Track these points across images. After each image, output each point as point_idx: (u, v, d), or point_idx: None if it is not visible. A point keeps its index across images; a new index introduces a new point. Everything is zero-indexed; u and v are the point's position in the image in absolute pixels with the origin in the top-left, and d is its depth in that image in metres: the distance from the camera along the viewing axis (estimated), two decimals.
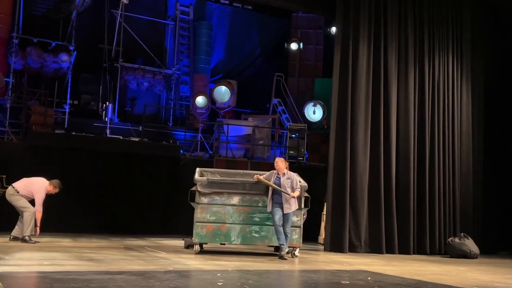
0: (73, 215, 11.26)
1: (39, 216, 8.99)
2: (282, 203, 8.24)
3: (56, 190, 9.29)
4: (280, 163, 8.51)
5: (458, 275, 7.57)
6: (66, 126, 14.34)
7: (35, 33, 15.33)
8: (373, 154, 10.75)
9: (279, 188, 8.27)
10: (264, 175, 8.54)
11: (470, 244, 10.55)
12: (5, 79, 14.51)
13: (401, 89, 11.23)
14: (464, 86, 12.11)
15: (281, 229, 8.21)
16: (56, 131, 13.10)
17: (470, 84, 12.18)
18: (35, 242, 8.82)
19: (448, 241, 10.81)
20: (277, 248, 8.46)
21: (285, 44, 18.37)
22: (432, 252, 11.00)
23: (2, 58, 15.06)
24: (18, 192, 9.02)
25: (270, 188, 8.36)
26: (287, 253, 8.32)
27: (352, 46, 10.85)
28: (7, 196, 9.07)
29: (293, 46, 17.99)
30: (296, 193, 8.32)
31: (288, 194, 8.20)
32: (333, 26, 14.73)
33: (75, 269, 6.09)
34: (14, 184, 9.13)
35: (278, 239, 8.27)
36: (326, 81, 16.55)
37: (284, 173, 8.44)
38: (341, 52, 10.82)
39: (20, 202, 9.02)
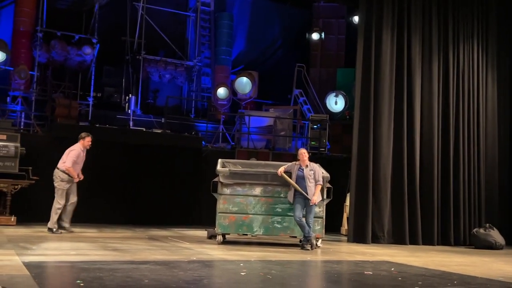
0: (97, 206, 11.40)
1: (70, 170, 9.04)
2: (306, 194, 8.21)
3: (89, 139, 9.29)
4: (305, 155, 8.47)
5: (483, 266, 7.48)
6: (90, 118, 14.52)
7: (58, 27, 15.52)
8: (396, 144, 10.64)
9: (301, 189, 8.21)
10: (286, 166, 8.52)
11: (495, 235, 10.41)
12: (30, 72, 14.74)
13: (425, 78, 11.08)
14: (490, 74, 11.89)
15: (302, 222, 8.18)
16: (80, 123, 13.27)
17: (495, 72, 11.95)
18: (61, 232, 8.98)
19: (473, 232, 10.68)
20: (305, 239, 8.36)
21: (307, 34, 18.26)
22: (457, 243, 10.87)
23: (27, 51, 15.28)
24: (59, 170, 9.02)
25: (293, 178, 8.34)
26: (310, 244, 8.28)
27: (375, 35, 10.72)
28: (54, 176, 9.12)
29: (315, 36, 17.87)
30: (315, 197, 8.24)
31: (310, 200, 8.16)
32: (356, 15, 14.61)
33: (100, 259, 6.18)
34: (58, 166, 9.16)
35: (303, 232, 8.23)
36: (348, 71, 16.42)
37: (307, 165, 8.40)
38: (364, 42, 10.70)
39: (58, 192, 9.06)
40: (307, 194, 8.19)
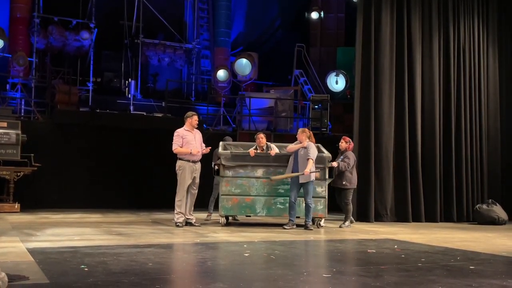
0: (101, 191, 11.45)
1: (179, 151, 8.43)
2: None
3: (191, 118, 8.50)
4: (300, 134, 8.39)
5: (486, 241, 7.50)
6: (90, 104, 14.48)
7: (55, 12, 15.40)
8: (398, 122, 10.62)
9: (296, 174, 8.16)
10: (290, 146, 8.45)
11: (498, 211, 10.43)
12: (28, 58, 14.66)
13: (426, 55, 11.01)
14: (491, 49, 11.81)
15: (293, 205, 8.19)
16: (81, 109, 13.25)
17: (497, 47, 11.87)
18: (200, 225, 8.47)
19: (476, 208, 10.69)
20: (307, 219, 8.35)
21: (306, 14, 18.09)
22: (460, 220, 10.90)
23: (25, 38, 15.19)
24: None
25: (290, 158, 8.31)
26: (309, 224, 8.26)
27: (375, 12, 10.63)
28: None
29: (314, 15, 17.69)
30: (309, 167, 8.10)
31: (303, 173, 8.08)
32: None
33: (104, 244, 6.21)
34: None
35: (290, 214, 8.24)
36: (348, 50, 16.31)
37: (306, 146, 8.32)
38: (363, 20, 10.61)
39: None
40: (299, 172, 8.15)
